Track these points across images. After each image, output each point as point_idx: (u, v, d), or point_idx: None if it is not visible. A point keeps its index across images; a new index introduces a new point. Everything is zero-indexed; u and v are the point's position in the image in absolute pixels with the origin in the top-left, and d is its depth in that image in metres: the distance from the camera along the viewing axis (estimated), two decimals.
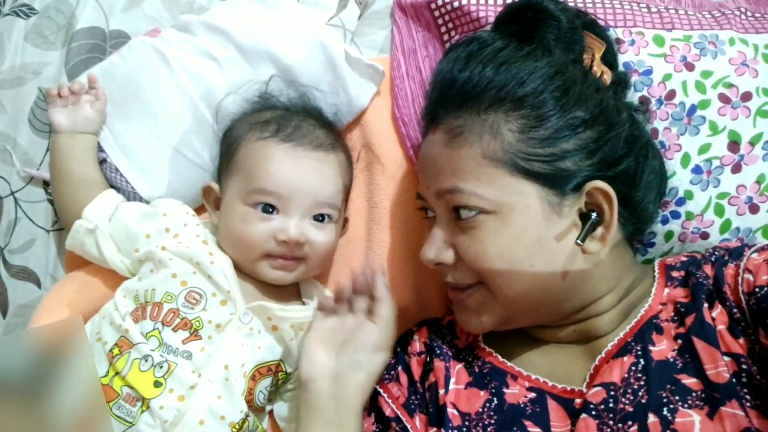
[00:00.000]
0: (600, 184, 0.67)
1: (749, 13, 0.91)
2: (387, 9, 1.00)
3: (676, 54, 0.84)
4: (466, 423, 0.69)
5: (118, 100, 0.90)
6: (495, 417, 0.68)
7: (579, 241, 0.66)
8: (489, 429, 0.68)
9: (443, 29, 0.95)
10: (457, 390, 0.72)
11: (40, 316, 0.83)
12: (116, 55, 0.92)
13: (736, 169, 0.81)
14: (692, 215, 0.82)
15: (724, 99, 0.82)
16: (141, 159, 0.89)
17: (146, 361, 0.71)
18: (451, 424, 0.69)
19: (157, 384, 0.71)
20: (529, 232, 0.66)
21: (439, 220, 0.72)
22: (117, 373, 0.71)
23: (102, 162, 0.89)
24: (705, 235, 0.82)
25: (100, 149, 0.89)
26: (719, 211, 0.81)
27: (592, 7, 0.91)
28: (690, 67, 0.83)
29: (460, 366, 0.75)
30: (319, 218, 0.80)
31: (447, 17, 0.94)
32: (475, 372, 0.74)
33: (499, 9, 0.89)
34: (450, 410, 0.70)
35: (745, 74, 0.82)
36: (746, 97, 0.81)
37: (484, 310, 0.71)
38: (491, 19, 0.88)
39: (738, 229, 0.81)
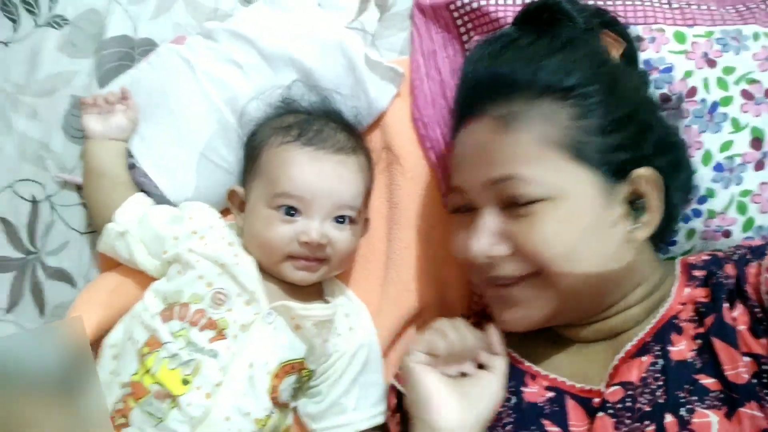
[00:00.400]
0: (646, 171, 0.68)
1: None
2: (407, 11, 1.00)
3: (697, 50, 0.83)
4: None
5: (147, 106, 0.92)
6: (514, 416, 0.69)
7: (631, 227, 0.68)
8: (507, 427, 0.68)
9: (462, 30, 0.96)
10: None
11: (73, 315, 0.87)
12: (144, 63, 0.95)
13: (759, 166, 0.80)
14: (714, 213, 0.81)
15: (747, 95, 0.81)
16: (169, 164, 0.92)
17: (174, 359, 0.74)
18: None
19: (185, 382, 0.73)
20: (586, 219, 0.66)
21: (485, 212, 0.69)
22: (147, 371, 0.74)
23: (131, 167, 0.92)
24: (727, 234, 0.81)
25: (130, 155, 0.92)
26: (741, 208, 0.80)
27: (612, 5, 0.90)
28: (712, 63, 0.82)
29: None
30: (340, 220, 0.81)
31: (466, 18, 0.94)
32: None
33: (518, 10, 0.89)
34: None
35: None
36: None
37: (535, 304, 0.69)
38: (510, 20, 0.88)
39: (761, 227, 0.81)
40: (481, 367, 0.72)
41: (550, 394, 0.70)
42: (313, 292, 0.87)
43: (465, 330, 0.73)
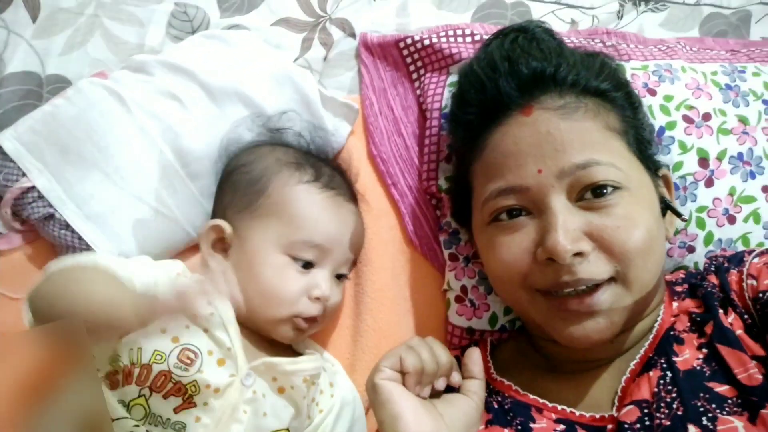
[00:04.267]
0: (666, 171, 0.73)
1: (688, 47, 0.99)
2: (352, 50, 0.98)
3: (637, 81, 0.88)
4: None
5: (68, 145, 0.79)
6: None
7: (684, 218, 0.75)
8: None
9: (412, 68, 0.94)
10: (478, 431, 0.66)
11: None
12: (60, 99, 0.82)
13: (709, 183, 0.85)
14: (677, 230, 0.84)
15: (687, 120, 0.86)
16: (97, 211, 0.78)
17: None
18: None
19: None
20: (654, 211, 0.66)
21: (559, 207, 0.63)
22: None
23: (49, 218, 0.77)
24: (691, 249, 0.84)
25: (48, 204, 0.77)
26: (701, 224, 0.84)
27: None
28: (653, 92, 0.88)
29: None
30: (339, 276, 0.77)
31: (416, 55, 0.93)
32: (494, 408, 0.69)
33: (470, 46, 0.90)
34: None
35: (701, 97, 0.88)
36: (706, 117, 0.87)
37: (615, 311, 0.63)
38: (464, 55, 0.89)
39: (720, 240, 0.84)
40: (456, 391, 0.67)
41: (561, 427, 0.64)
42: (285, 346, 0.76)
43: (439, 349, 0.67)
